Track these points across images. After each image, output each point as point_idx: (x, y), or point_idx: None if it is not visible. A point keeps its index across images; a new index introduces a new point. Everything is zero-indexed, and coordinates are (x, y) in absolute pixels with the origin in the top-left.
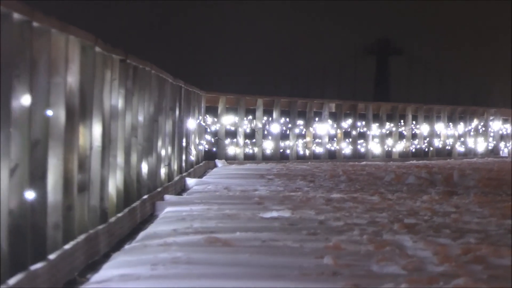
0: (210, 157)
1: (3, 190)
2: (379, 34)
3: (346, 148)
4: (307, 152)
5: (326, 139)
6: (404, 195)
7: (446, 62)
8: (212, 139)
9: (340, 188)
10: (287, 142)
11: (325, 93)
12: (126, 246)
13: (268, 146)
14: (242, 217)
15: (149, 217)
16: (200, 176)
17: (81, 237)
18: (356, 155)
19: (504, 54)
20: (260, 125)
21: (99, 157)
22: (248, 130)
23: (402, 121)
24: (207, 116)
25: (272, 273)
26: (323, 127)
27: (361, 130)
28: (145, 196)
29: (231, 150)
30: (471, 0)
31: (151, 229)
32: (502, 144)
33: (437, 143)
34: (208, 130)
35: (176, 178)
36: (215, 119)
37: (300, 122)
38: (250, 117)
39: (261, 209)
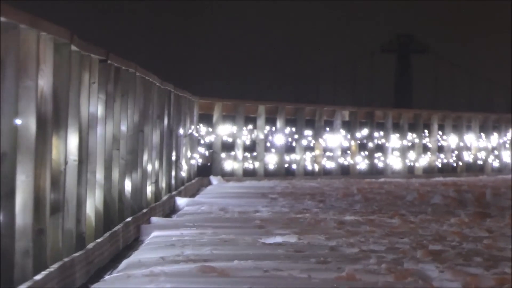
0: (204, 173)
1: None
2: (400, 29)
3: (361, 163)
4: (316, 167)
5: (339, 152)
6: (428, 217)
7: (479, 62)
8: (207, 152)
9: (354, 209)
10: (293, 156)
11: (337, 98)
12: (107, 277)
13: (271, 160)
14: (241, 243)
15: (133, 243)
16: (193, 195)
17: (54, 266)
18: (373, 171)
19: None
20: (261, 136)
21: (75, 173)
22: (248, 142)
23: (426, 131)
24: (201, 125)
25: None
26: (335, 138)
27: (379, 142)
28: (129, 219)
29: (229, 165)
30: None
31: (135, 256)
32: None
33: (467, 157)
34: (202, 141)
35: (165, 197)
36: (210, 129)
37: (308, 132)
38: (250, 126)
39: (263, 234)
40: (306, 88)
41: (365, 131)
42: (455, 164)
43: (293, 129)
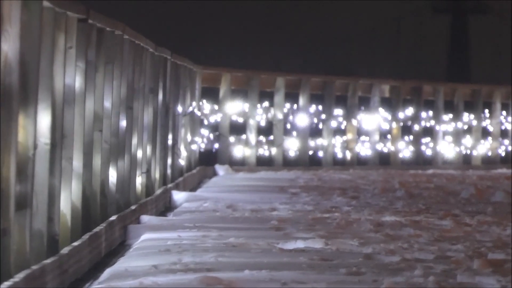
0: (207, 161)
1: None
2: None
3: (405, 150)
4: (349, 155)
5: (376, 137)
6: (488, 218)
7: None
8: (211, 136)
9: (395, 208)
10: (320, 141)
11: (375, 69)
12: None
13: (292, 146)
14: (253, 248)
15: (119, 247)
16: (193, 189)
17: (20, 275)
18: (420, 160)
19: None
20: (280, 116)
21: (47, 160)
22: (263, 123)
23: (487, 111)
24: (204, 101)
25: None
26: (372, 119)
27: (427, 124)
28: (113, 217)
29: (238, 151)
30: None
31: (121, 264)
32: None
33: None
34: (206, 122)
35: (159, 191)
36: (216, 107)
37: (338, 111)
38: (266, 103)
39: (281, 238)
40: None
41: (409, 111)
42: None
43: (320, 108)
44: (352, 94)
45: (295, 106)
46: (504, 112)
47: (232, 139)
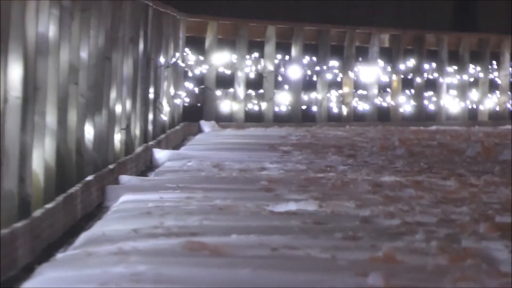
0: (192, 117)
1: None
2: None
3: (406, 105)
4: (345, 110)
5: (375, 90)
6: (496, 178)
7: None
8: (196, 89)
9: (395, 168)
10: (314, 95)
11: (374, 17)
12: (59, 255)
13: (284, 100)
14: (241, 211)
15: (96, 210)
16: (177, 147)
17: None
18: (422, 116)
19: None
20: (271, 68)
21: (18, 115)
22: (252, 75)
23: (495, 62)
24: (189, 52)
25: None
26: (370, 72)
27: (430, 77)
28: (90, 177)
29: (226, 106)
30: None
31: (98, 228)
32: None
33: None
34: (190, 74)
35: (139, 149)
36: (201, 57)
37: (334, 63)
38: (256, 54)
39: (271, 199)
40: (333, 4)
41: (411, 62)
42: None
43: (314, 59)
44: (348, 44)
45: (287, 57)
46: None
47: (218, 92)
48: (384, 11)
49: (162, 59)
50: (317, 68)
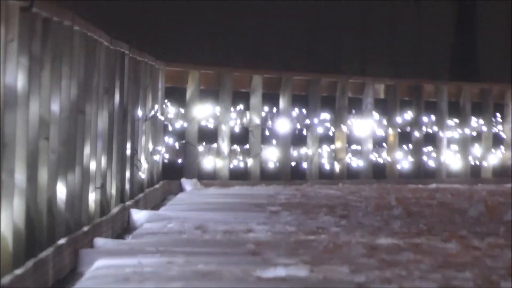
0: (172, 175)
1: None
2: None
3: (403, 161)
4: (337, 167)
5: (370, 146)
6: (500, 241)
7: None
8: (176, 144)
9: (392, 229)
10: (304, 150)
11: (367, 66)
12: None
13: (271, 156)
14: (226, 276)
15: (69, 276)
16: (156, 207)
17: None
18: (421, 173)
19: None
20: (257, 121)
21: None
22: (237, 129)
23: (498, 115)
24: (168, 104)
25: None
26: (365, 125)
27: (429, 131)
28: (62, 240)
29: (209, 163)
30: None
31: None
32: None
33: None
34: (170, 128)
35: (115, 209)
36: (182, 110)
37: (325, 115)
38: (241, 106)
39: (259, 264)
40: (323, 52)
41: (408, 115)
42: None
43: (304, 111)
44: (341, 95)
45: (274, 109)
46: None
47: (201, 148)
48: (378, 58)
49: (139, 112)
50: (307, 121)
